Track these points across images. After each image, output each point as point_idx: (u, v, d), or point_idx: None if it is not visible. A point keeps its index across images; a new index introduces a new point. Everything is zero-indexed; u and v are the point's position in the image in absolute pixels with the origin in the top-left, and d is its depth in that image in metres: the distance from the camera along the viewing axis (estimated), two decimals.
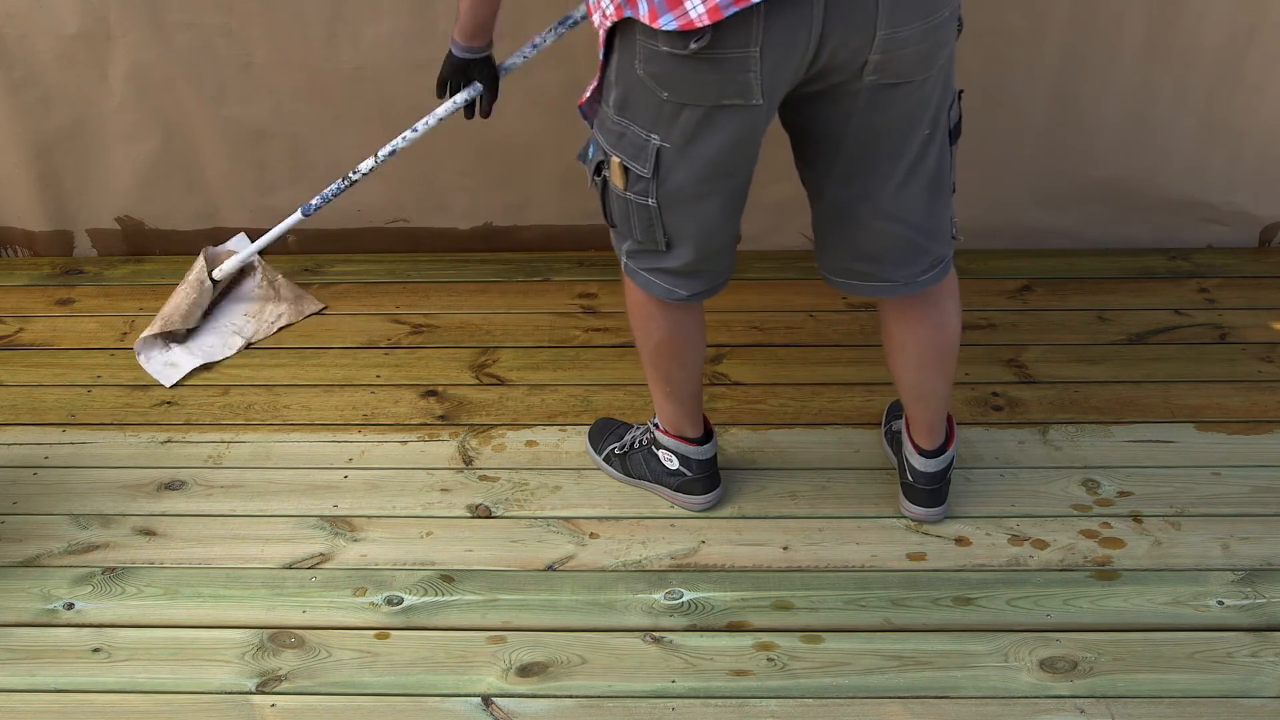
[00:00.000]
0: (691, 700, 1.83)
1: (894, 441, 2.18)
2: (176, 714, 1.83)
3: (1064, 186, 2.78)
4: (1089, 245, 2.85)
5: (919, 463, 2.05)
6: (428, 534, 2.13)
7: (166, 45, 2.59)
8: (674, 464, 2.11)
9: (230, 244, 2.79)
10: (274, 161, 2.78)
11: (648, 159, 1.69)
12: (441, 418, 2.40)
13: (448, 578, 2.04)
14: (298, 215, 2.48)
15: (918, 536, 2.09)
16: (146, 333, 2.56)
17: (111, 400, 2.46)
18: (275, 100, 2.68)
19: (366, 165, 2.38)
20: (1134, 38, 2.55)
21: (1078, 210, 2.80)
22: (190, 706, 1.83)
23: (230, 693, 1.85)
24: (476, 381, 2.50)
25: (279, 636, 1.94)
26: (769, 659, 1.89)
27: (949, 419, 2.05)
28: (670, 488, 2.14)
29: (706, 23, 1.49)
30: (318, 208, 2.46)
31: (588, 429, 2.32)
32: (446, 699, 1.84)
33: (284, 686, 1.86)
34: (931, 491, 2.06)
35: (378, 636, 1.94)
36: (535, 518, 2.16)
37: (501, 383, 2.50)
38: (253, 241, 2.67)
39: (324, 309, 2.71)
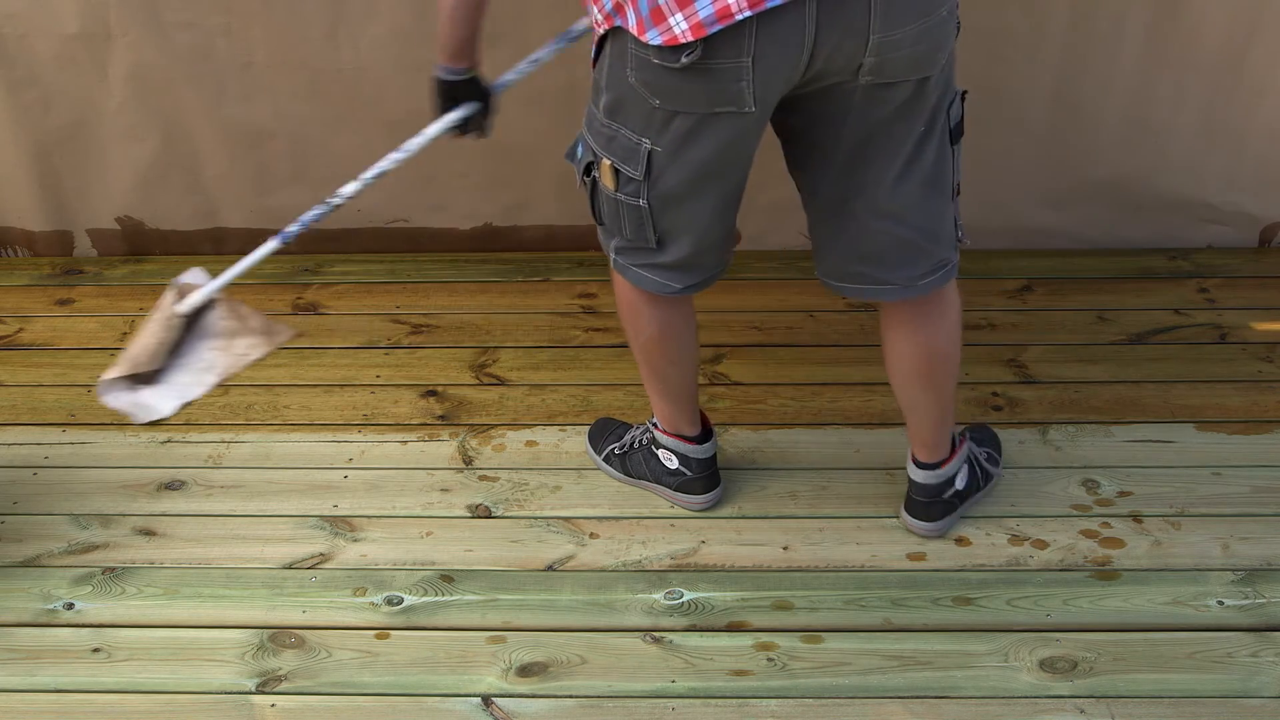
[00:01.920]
0: (691, 700, 1.83)
1: None
2: (176, 714, 1.83)
3: (1064, 186, 2.78)
4: (1089, 245, 2.85)
5: (915, 474, 2.04)
6: (428, 534, 2.13)
7: (166, 45, 2.59)
8: (673, 463, 2.11)
9: (189, 276, 2.55)
10: (274, 161, 2.78)
11: (639, 162, 1.68)
12: (441, 418, 2.40)
13: (448, 578, 2.04)
14: (274, 244, 2.29)
15: (917, 537, 2.09)
16: (111, 374, 2.39)
17: None
18: (275, 100, 2.68)
19: (350, 189, 2.23)
20: (1134, 38, 2.55)
21: (1078, 210, 2.80)
22: (190, 706, 1.83)
23: (230, 693, 1.85)
24: (476, 381, 2.50)
25: (279, 636, 1.94)
26: (769, 659, 1.89)
27: (955, 441, 2.03)
28: (670, 487, 2.14)
29: (690, 39, 1.49)
30: (296, 235, 2.28)
31: (587, 429, 2.32)
32: (446, 699, 1.84)
33: (284, 686, 1.86)
34: (925, 504, 2.04)
35: (378, 636, 1.94)
36: (535, 518, 2.16)
37: (501, 383, 2.50)
38: (212, 275, 2.46)
39: (298, 334, 2.61)
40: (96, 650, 1.92)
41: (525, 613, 1.98)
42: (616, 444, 2.21)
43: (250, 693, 1.85)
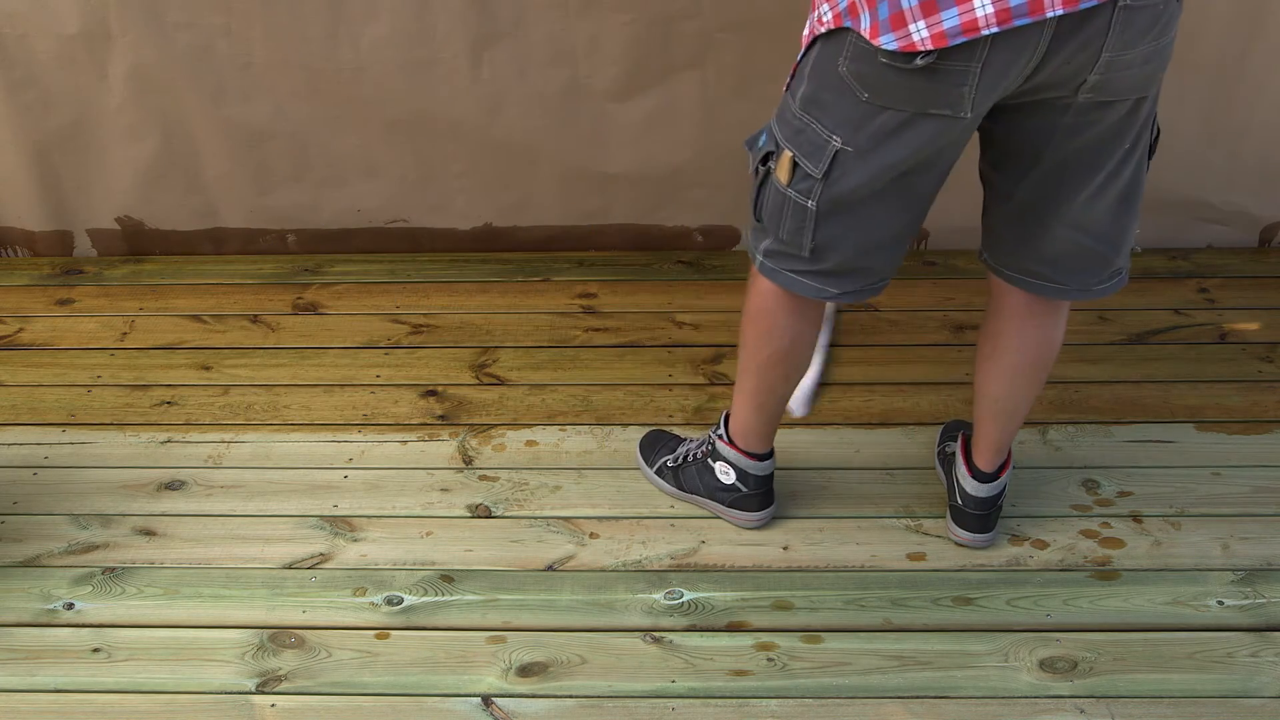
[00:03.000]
0: (691, 700, 1.83)
1: (946, 463, 2.15)
2: (176, 714, 1.83)
3: None
4: None
5: (971, 486, 2.01)
6: (428, 534, 2.13)
7: (166, 45, 2.59)
8: (730, 478, 2.07)
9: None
10: (274, 161, 2.78)
11: (823, 159, 1.61)
12: (441, 418, 2.40)
13: (448, 578, 2.04)
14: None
15: (918, 537, 2.09)
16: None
17: (111, 400, 2.46)
18: (275, 100, 2.67)
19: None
20: None
21: None
22: (190, 706, 1.83)
23: (230, 693, 1.85)
24: (476, 381, 2.50)
25: (279, 636, 1.94)
26: (769, 659, 1.89)
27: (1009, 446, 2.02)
28: (723, 503, 2.11)
29: (930, 47, 1.44)
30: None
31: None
32: (446, 699, 1.84)
33: (284, 686, 1.86)
34: (981, 517, 2.03)
35: (378, 636, 1.94)
36: (535, 518, 2.16)
37: (501, 383, 2.50)
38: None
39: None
40: (96, 650, 1.92)
41: (525, 613, 1.98)
42: (669, 456, 2.18)
43: (250, 693, 1.85)
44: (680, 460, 2.15)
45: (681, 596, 2.00)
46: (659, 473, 2.19)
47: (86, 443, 2.35)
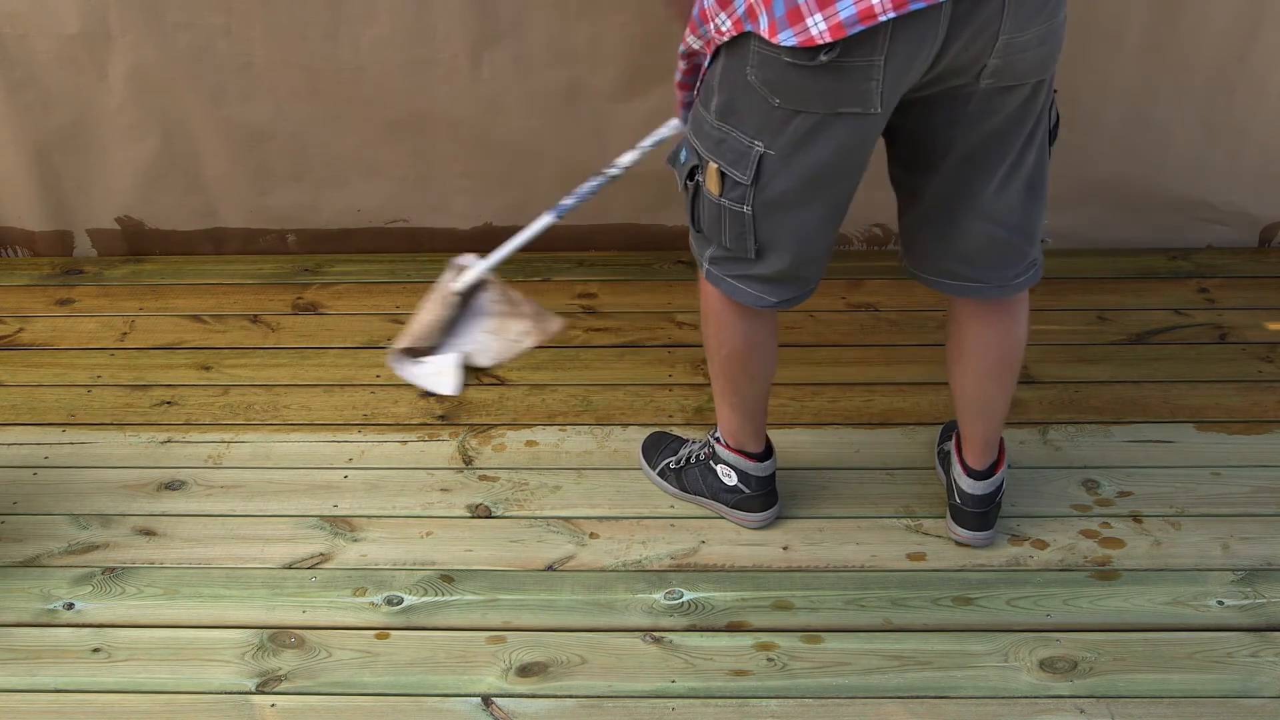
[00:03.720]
0: (691, 700, 1.83)
1: (944, 462, 2.16)
2: (176, 714, 1.83)
3: (1064, 186, 2.77)
4: (1089, 245, 2.85)
5: (967, 484, 2.02)
6: (428, 534, 2.13)
7: (166, 45, 2.59)
8: (732, 479, 2.08)
9: (464, 258, 2.56)
10: (274, 161, 2.78)
11: (748, 166, 1.63)
12: (441, 418, 2.40)
13: (448, 578, 2.04)
14: (549, 217, 2.35)
15: (918, 537, 2.09)
16: (398, 344, 2.48)
17: (111, 400, 2.46)
18: (275, 100, 2.67)
19: (627, 159, 2.24)
20: (1134, 38, 2.55)
21: (1078, 210, 2.80)
22: (190, 706, 1.83)
23: (230, 693, 1.85)
24: (476, 381, 2.50)
25: (279, 636, 1.94)
26: (769, 659, 1.89)
27: (1000, 442, 2.03)
28: (727, 504, 2.11)
29: (828, 40, 1.45)
30: (571, 208, 2.33)
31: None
32: (446, 699, 1.84)
33: (284, 686, 1.86)
34: (979, 515, 2.04)
35: (378, 636, 1.94)
36: (535, 518, 2.16)
37: (501, 383, 2.50)
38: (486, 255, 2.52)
39: (564, 325, 2.58)
40: (96, 650, 1.92)
41: (525, 613, 1.98)
42: (672, 458, 2.18)
43: (250, 693, 1.85)
44: (683, 462, 2.16)
45: (681, 596, 2.00)
46: (662, 475, 2.19)
47: (86, 443, 2.35)
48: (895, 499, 2.16)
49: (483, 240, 2.91)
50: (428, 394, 2.45)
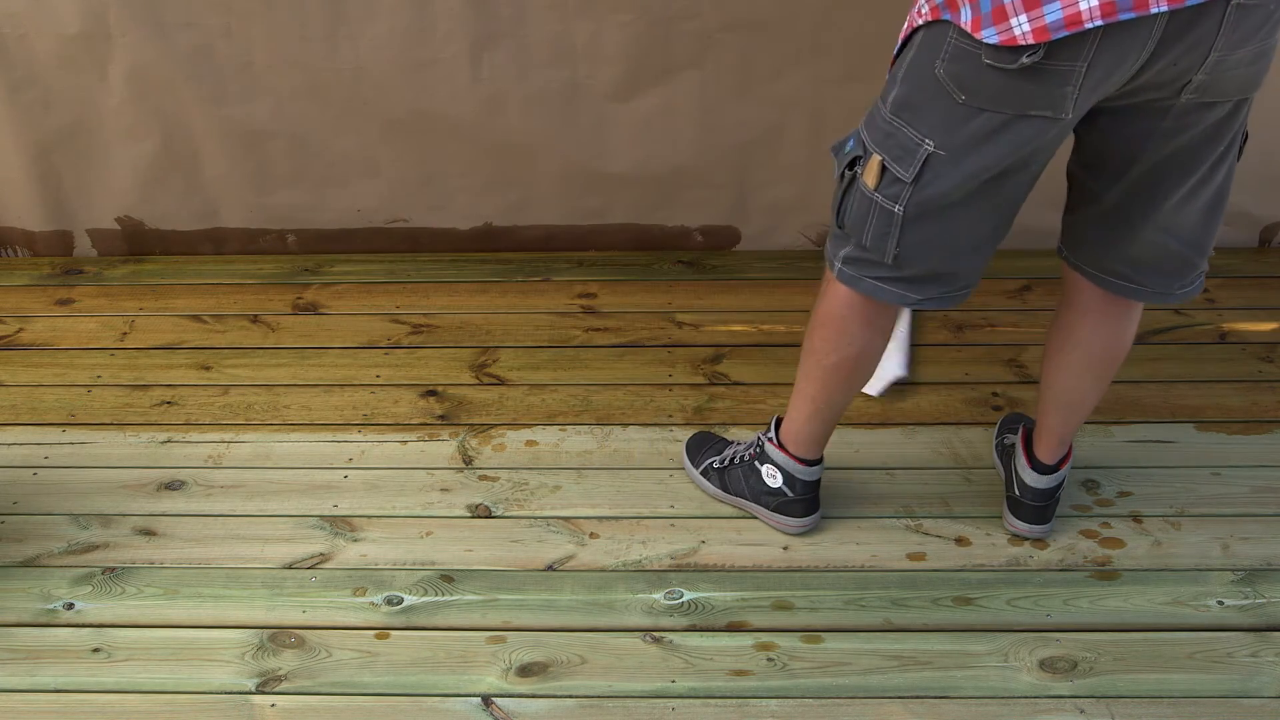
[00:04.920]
0: (691, 700, 1.83)
1: (1005, 455, 2.15)
2: (176, 714, 1.83)
3: (1064, 186, 2.77)
4: None
5: (1031, 478, 2.01)
6: (428, 534, 2.13)
7: (166, 45, 2.59)
8: (776, 481, 2.06)
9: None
10: (274, 161, 2.78)
11: (913, 163, 1.58)
12: (441, 418, 2.40)
13: (448, 578, 2.04)
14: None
15: (918, 536, 2.09)
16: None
17: (111, 400, 2.46)
18: (275, 100, 2.68)
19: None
20: None
21: None
22: (190, 706, 1.83)
23: (230, 693, 1.85)
24: (476, 381, 2.50)
25: (279, 636, 1.94)
26: (769, 659, 1.89)
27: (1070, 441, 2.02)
28: (768, 507, 2.09)
29: (1030, 41, 1.41)
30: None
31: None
32: (446, 699, 1.84)
33: (284, 686, 1.86)
34: (1039, 508, 2.03)
35: (378, 636, 1.94)
36: (535, 518, 2.16)
37: (501, 383, 2.50)
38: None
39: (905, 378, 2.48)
40: (96, 650, 1.92)
41: (525, 613, 1.98)
42: (716, 458, 2.17)
43: (250, 693, 1.85)
44: (726, 462, 2.14)
45: (681, 596, 2.00)
46: (704, 474, 2.18)
47: (86, 443, 2.35)
48: (895, 499, 2.16)
49: (483, 240, 2.91)
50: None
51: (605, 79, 2.63)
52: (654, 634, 1.93)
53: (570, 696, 1.84)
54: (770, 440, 2.06)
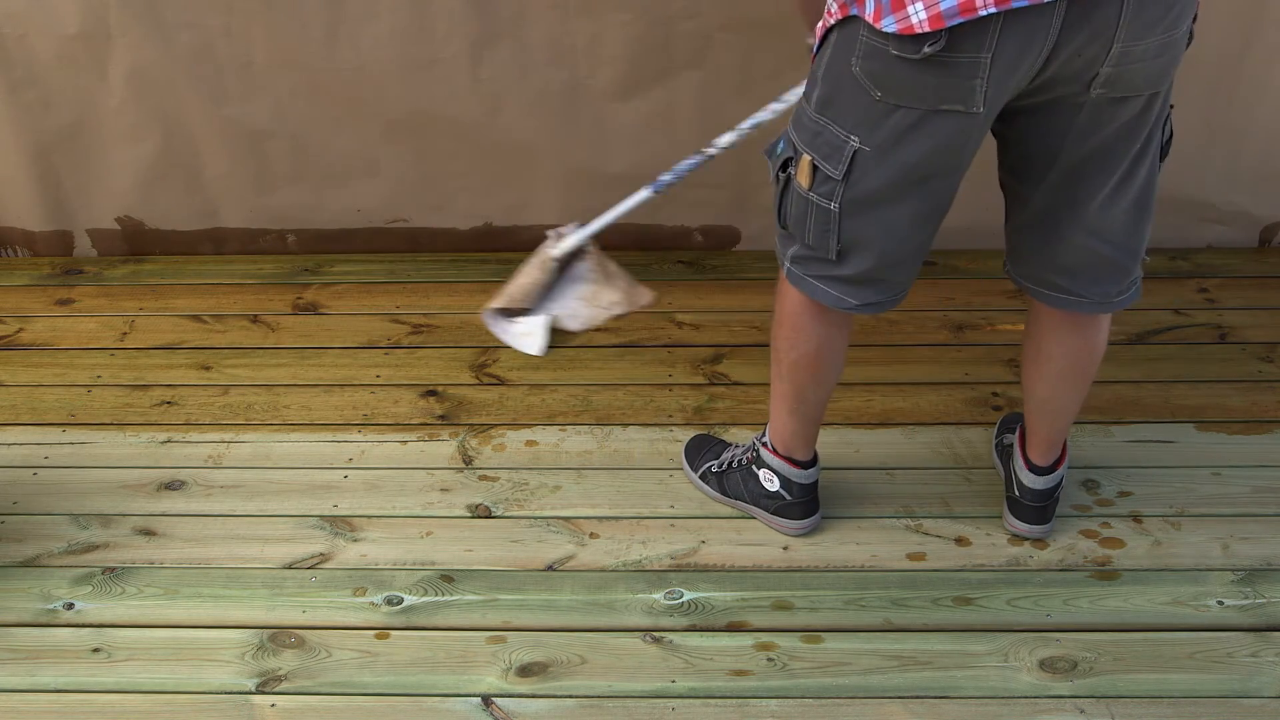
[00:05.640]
0: (691, 700, 1.83)
1: (1004, 455, 2.16)
2: (176, 714, 1.83)
3: None
4: None
5: (1028, 479, 2.02)
6: (428, 534, 2.13)
7: (166, 45, 2.59)
8: (774, 485, 2.07)
9: (567, 227, 2.64)
10: (274, 161, 2.78)
11: (841, 160, 1.62)
12: (441, 418, 2.40)
13: (448, 578, 2.04)
14: (646, 192, 2.43)
15: (918, 536, 2.09)
16: (494, 305, 2.59)
17: (111, 400, 2.46)
18: (275, 100, 2.68)
19: (726, 140, 2.29)
20: None
21: None
22: (190, 706, 1.83)
23: (230, 693, 1.85)
24: (476, 381, 2.50)
25: (279, 636, 1.94)
26: (769, 659, 1.89)
27: (1064, 441, 2.03)
28: (767, 510, 2.10)
29: (926, 29, 1.44)
30: (669, 184, 2.39)
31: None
32: (446, 699, 1.84)
33: (284, 686, 1.86)
34: (1038, 509, 2.04)
35: (378, 636, 1.94)
36: (535, 518, 2.16)
37: (501, 383, 2.50)
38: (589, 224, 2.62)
39: (655, 298, 2.64)
40: (96, 650, 1.92)
41: (525, 613, 1.98)
42: (714, 461, 2.17)
43: (250, 693, 1.85)
44: (724, 466, 2.15)
45: (681, 596, 2.00)
46: (703, 478, 2.18)
47: (86, 443, 2.35)
48: (895, 499, 2.16)
49: (483, 240, 2.91)
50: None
51: (605, 79, 2.63)
52: (654, 634, 1.93)
53: (570, 696, 1.84)
54: (765, 444, 2.06)
